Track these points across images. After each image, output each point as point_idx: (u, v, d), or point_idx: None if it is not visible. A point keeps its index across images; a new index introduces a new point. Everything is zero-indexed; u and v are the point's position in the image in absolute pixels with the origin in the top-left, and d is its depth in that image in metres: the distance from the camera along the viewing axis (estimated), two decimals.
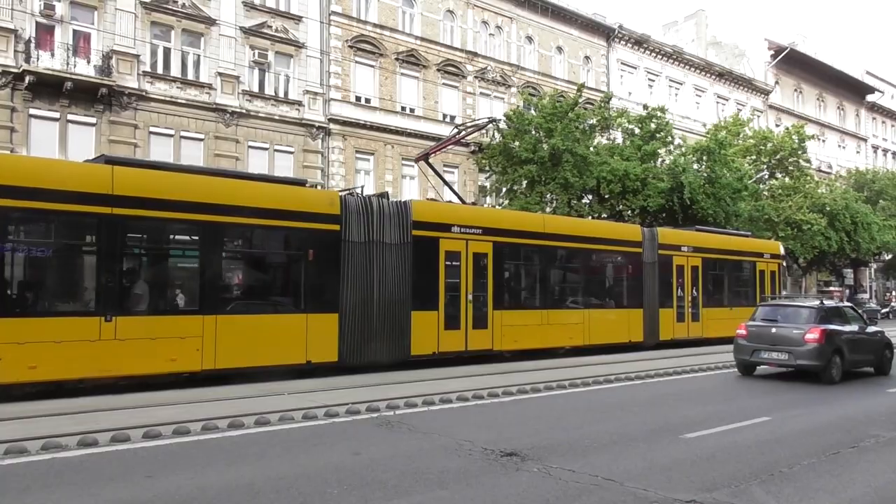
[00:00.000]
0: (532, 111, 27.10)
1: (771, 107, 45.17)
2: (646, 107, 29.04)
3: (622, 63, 36.23)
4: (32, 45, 19.61)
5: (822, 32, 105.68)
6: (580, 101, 27.32)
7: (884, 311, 42.30)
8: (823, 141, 47.68)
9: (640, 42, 36.95)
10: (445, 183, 18.37)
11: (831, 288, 44.52)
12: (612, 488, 5.57)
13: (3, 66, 19.10)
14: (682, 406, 9.81)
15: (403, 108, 27.61)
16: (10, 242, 9.51)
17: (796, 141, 35.38)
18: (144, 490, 5.42)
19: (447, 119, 27.93)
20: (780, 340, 12.62)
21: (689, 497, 5.36)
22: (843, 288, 45.57)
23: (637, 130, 28.55)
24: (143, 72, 21.59)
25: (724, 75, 41.97)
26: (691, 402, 10.19)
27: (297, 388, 10.51)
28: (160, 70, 22.13)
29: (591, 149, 26.42)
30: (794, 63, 46.27)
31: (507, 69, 31.12)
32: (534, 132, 25.80)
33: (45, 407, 8.62)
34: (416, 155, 18.81)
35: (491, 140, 27.02)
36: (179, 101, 22.15)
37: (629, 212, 26.44)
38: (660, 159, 28.38)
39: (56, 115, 20.02)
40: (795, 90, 47.94)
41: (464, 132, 18.54)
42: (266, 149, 23.95)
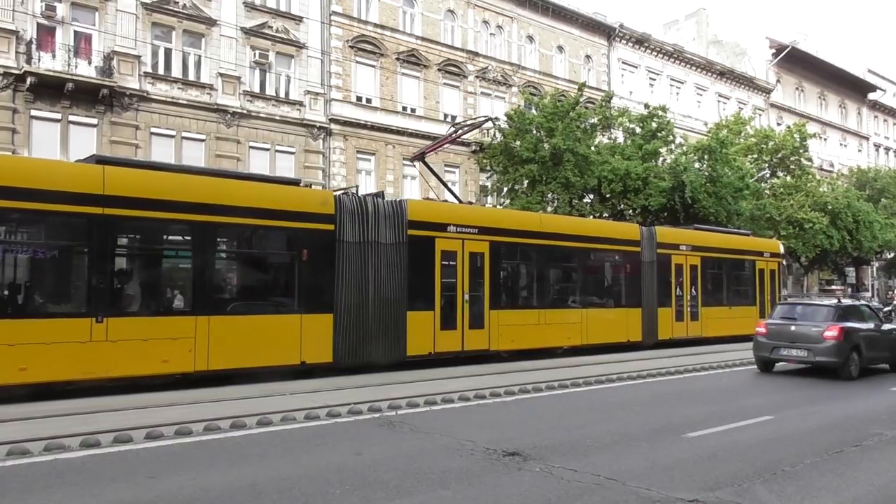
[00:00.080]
0: (533, 111, 27.11)
1: (772, 105, 45.12)
2: (647, 106, 29.02)
3: (623, 62, 36.21)
4: (34, 46, 19.64)
5: (823, 30, 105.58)
6: (581, 100, 27.33)
7: (886, 309, 42.18)
8: (825, 139, 47.61)
9: (640, 41, 36.93)
10: (442, 182, 18.35)
11: (833, 287, 44.45)
12: (614, 488, 5.56)
13: (5, 68, 19.13)
14: (683, 405, 9.80)
15: (404, 108, 27.63)
16: (0, 244, 9.43)
17: (798, 139, 35.33)
18: (147, 490, 5.42)
19: (448, 119, 27.91)
20: (800, 338, 12.95)
21: (692, 496, 5.36)
22: (845, 287, 45.49)
23: (638, 130, 28.53)
24: (145, 73, 21.62)
25: (726, 74, 41.93)
26: (693, 402, 10.18)
27: (299, 389, 10.51)
28: (161, 71, 22.15)
29: (593, 148, 26.40)
30: (795, 61, 46.22)
31: (507, 69, 31.12)
32: (535, 132, 25.80)
33: (48, 408, 8.63)
34: (412, 154, 18.73)
35: (492, 140, 27.04)
36: (180, 101, 22.17)
37: (630, 211, 26.42)
38: (661, 158, 28.35)
39: (57, 116, 20.04)
40: (797, 88, 47.88)
41: (460, 131, 18.47)
42: (267, 149, 23.97)
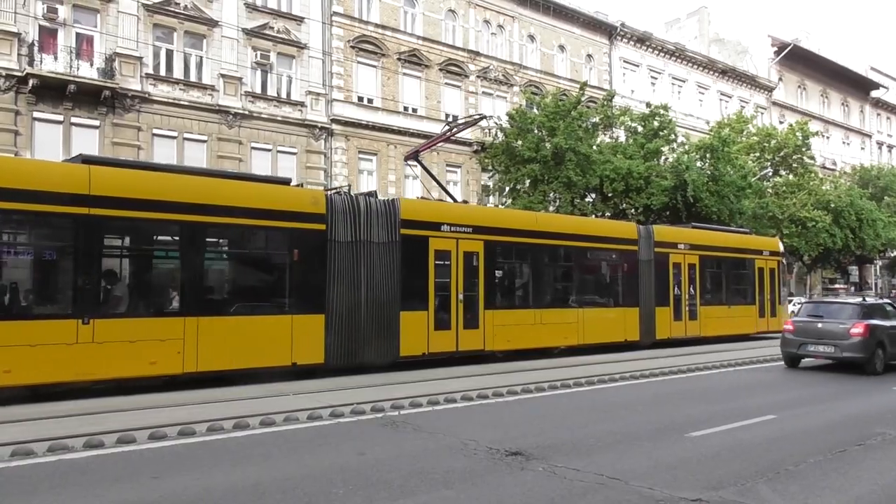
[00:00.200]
0: (535, 110, 27.11)
1: (774, 103, 45.05)
2: (648, 105, 29.00)
3: (624, 61, 36.19)
4: (36, 48, 19.68)
5: (825, 28, 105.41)
6: (583, 99, 27.35)
7: None
8: (827, 137, 47.52)
9: (642, 40, 36.90)
10: (436, 181, 18.22)
11: (836, 285, 44.39)
12: (617, 487, 5.56)
13: (7, 70, 19.18)
14: (685, 405, 9.79)
15: (406, 108, 27.64)
16: None
17: (800, 138, 35.29)
18: (150, 491, 5.43)
19: (450, 119, 27.95)
20: (826, 334, 13.41)
21: (695, 495, 5.35)
22: (849, 285, 45.42)
23: (640, 128, 28.52)
24: (146, 74, 21.65)
25: (727, 72, 41.87)
26: (695, 401, 10.16)
27: (302, 389, 10.52)
28: (163, 72, 22.19)
29: (594, 147, 26.40)
30: (797, 59, 46.15)
31: (509, 68, 31.12)
32: (536, 131, 25.81)
33: (51, 409, 8.65)
34: (406, 153, 18.60)
35: (494, 139, 27.04)
36: (182, 102, 22.20)
37: (633, 210, 26.39)
38: (663, 157, 28.33)
39: (59, 117, 20.09)
40: (799, 87, 47.80)
41: (455, 129, 18.36)
42: (269, 150, 24.00)
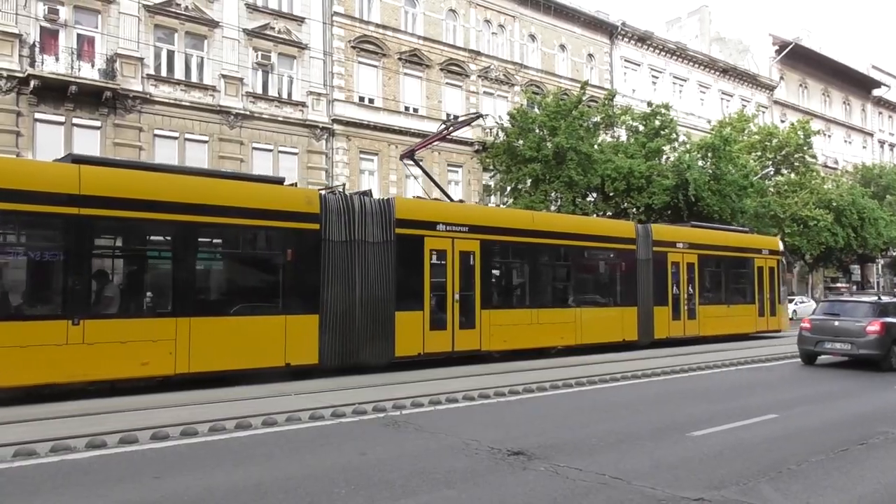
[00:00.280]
0: (536, 109, 27.10)
1: (776, 102, 45.01)
2: (650, 104, 28.99)
3: (625, 60, 36.17)
4: (37, 49, 19.72)
5: (826, 27, 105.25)
6: (584, 98, 27.34)
7: None
8: (829, 136, 47.46)
9: (643, 39, 36.88)
10: (431, 180, 18.16)
11: (839, 284, 44.33)
12: (619, 487, 5.56)
13: (8, 71, 19.21)
14: (687, 404, 9.78)
15: (407, 108, 27.65)
16: None
17: (802, 136, 35.27)
18: (153, 491, 5.44)
19: (451, 118, 27.94)
20: (843, 332, 13.83)
21: (697, 495, 5.35)
22: (851, 284, 45.35)
23: (641, 128, 28.51)
24: (147, 75, 21.67)
25: (729, 71, 41.84)
26: (696, 400, 10.15)
27: (303, 389, 10.53)
28: (164, 73, 22.21)
29: (596, 147, 26.40)
30: (798, 58, 46.10)
31: (510, 68, 31.12)
32: (538, 130, 25.81)
33: (54, 409, 8.67)
34: (402, 152, 18.49)
35: (495, 139, 27.03)
36: (183, 103, 22.22)
37: (634, 209, 26.38)
38: (664, 156, 28.33)
39: (61, 118, 20.12)
40: (800, 85, 47.74)
41: (451, 128, 18.32)
42: (270, 150, 24.01)
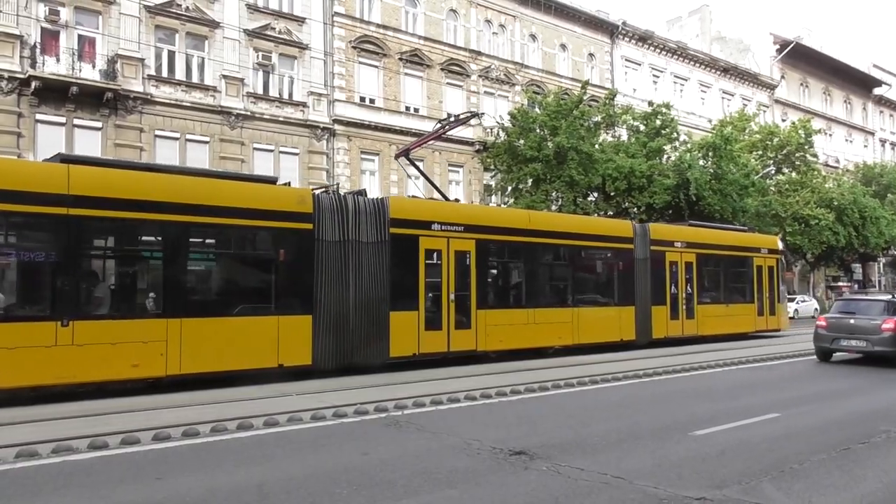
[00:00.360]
0: (536, 109, 27.09)
1: (777, 101, 44.97)
2: (651, 103, 28.98)
3: (626, 60, 36.15)
4: (38, 50, 19.73)
5: (827, 26, 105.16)
6: (585, 98, 27.34)
7: None
8: (830, 135, 47.42)
9: (644, 38, 36.86)
10: (427, 179, 18.11)
11: (840, 283, 44.28)
12: (621, 486, 5.55)
13: (10, 72, 19.23)
14: (689, 403, 9.77)
15: (408, 108, 27.65)
16: None
17: (803, 135, 35.25)
18: (155, 492, 5.44)
19: (451, 118, 27.94)
20: (859, 330, 14.18)
21: (700, 494, 5.34)
22: (852, 283, 45.30)
23: (642, 127, 28.51)
24: (148, 75, 21.69)
25: (730, 70, 41.81)
26: (698, 400, 10.15)
27: (305, 389, 10.53)
28: (165, 73, 22.22)
29: (597, 146, 26.39)
30: (799, 57, 46.06)
31: (510, 68, 31.11)
32: (538, 130, 25.81)
33: (55, 410, 8.68)
34: (397, 151, 18.40)
35: (496, 139, 27.03)
36: (184, 104, 22.23)
37: (635, 209, 26.37)
38: (665, 156, 28.32)
39: (62, 119, 20.14)
40: (801, 84, 47.70)
41: (447, 126, 18.32)
42: (271, 151, 24.02)
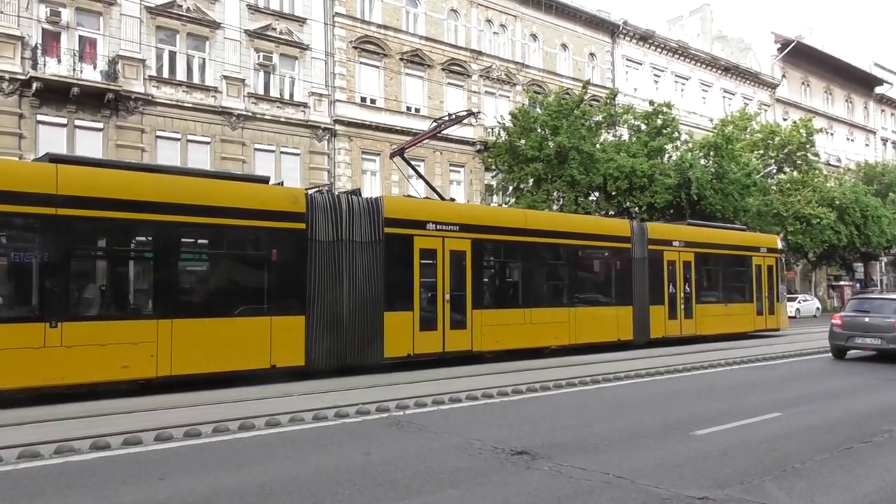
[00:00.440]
0: (537, 109, 27.09)
1: (778, 100, 44.93)
2: (652, 103, 28.97)
3: (627, 59, 36.14)
4: (39, 51, 19.76)
5: (828, 25, 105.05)
6: (586, 98, 27.35)
7: None
8: (831, 134, 47.38)
9: (644, 38, 36.84)
10: (423, 178, 18.10)
11: (842, 283, 44.24)
12: (623, 486, 5.55)
13: (11, 73, 19.26)
14: (690, 403, 9.76)
15: (409, 109, 27.66)
16: None
17: (804, 134, 35.20)
18: (157, 492, 5.44)
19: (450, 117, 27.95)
20: (873, 328, 14.42)
21: (702, 494, 5.34)
22: (854, 282, 45.26)
23: (643, 126, 28.50)
24: (149, 76, 21.71)
25: (731, 70, 41.78)
26: (699, 399, 10.13)
27: (307, 389, 10.54)
28: (166, 74, 22.24)
29: (598, 146, 26.39)
30: (800, 56, 46.02)
31: (511, 67, 31.10)
32: (539, 130, 25.81)
33: (57, 411, 8.69)
34: (392, 150, 18.30)
35: (497, 139, 27.03)
36: (185, 104, 22.25)
37: (636, 209, 26.36)
38: (666, 155, 28.30)
39: (63, 120, 20.16)
40: (803, 83, 47.66)
41: (442, 125, 18.27)
42: (272, 151, 24.03)
